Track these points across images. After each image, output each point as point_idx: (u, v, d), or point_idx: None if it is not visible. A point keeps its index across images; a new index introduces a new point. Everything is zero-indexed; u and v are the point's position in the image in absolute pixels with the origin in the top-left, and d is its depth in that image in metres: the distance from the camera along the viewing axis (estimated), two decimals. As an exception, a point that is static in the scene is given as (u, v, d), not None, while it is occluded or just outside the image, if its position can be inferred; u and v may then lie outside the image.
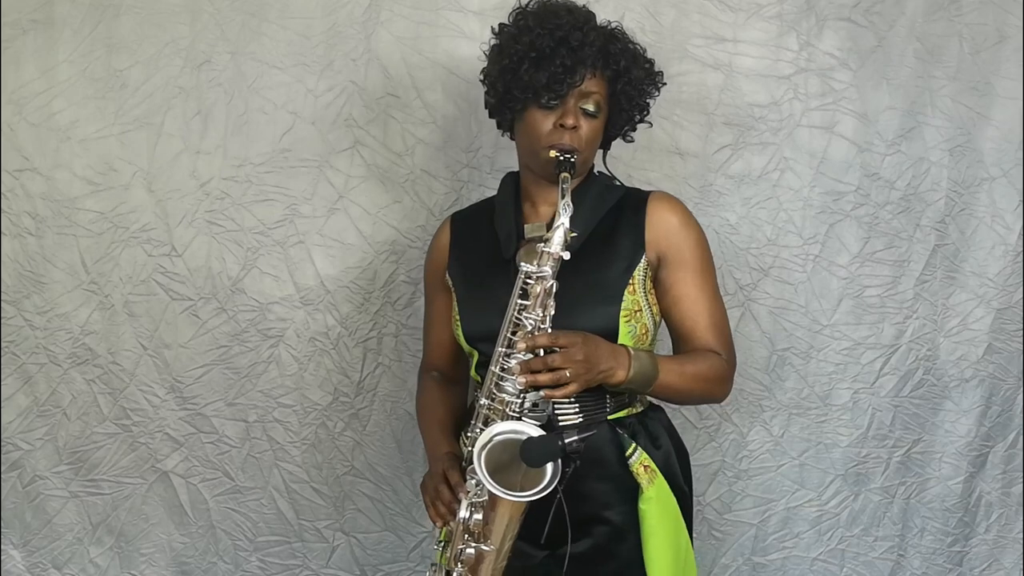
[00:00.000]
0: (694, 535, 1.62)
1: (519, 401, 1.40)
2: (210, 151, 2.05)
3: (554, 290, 1.39)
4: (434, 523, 1.47)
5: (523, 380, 1.37)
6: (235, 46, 2.03)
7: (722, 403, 1.74)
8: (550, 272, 1.38)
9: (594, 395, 1.49)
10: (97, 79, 2.03)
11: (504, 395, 1.40)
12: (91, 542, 2.17)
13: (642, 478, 1.49)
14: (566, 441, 1.30)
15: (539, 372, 1.35)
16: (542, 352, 1.37)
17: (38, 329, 2.09)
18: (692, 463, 1.63)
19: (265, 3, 2.02)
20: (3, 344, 2.10)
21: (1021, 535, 2.19)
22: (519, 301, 1.40)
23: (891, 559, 2.19)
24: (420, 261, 2.05)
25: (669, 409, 1.65)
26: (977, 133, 2.08)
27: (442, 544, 1.51)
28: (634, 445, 1.50)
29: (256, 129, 2.05)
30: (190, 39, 2.02)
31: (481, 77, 1.59)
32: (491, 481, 1.32)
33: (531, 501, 1.34)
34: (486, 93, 1.58)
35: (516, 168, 1.65)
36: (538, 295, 1.38)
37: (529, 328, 1.38)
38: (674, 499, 1.52)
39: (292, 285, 2.08)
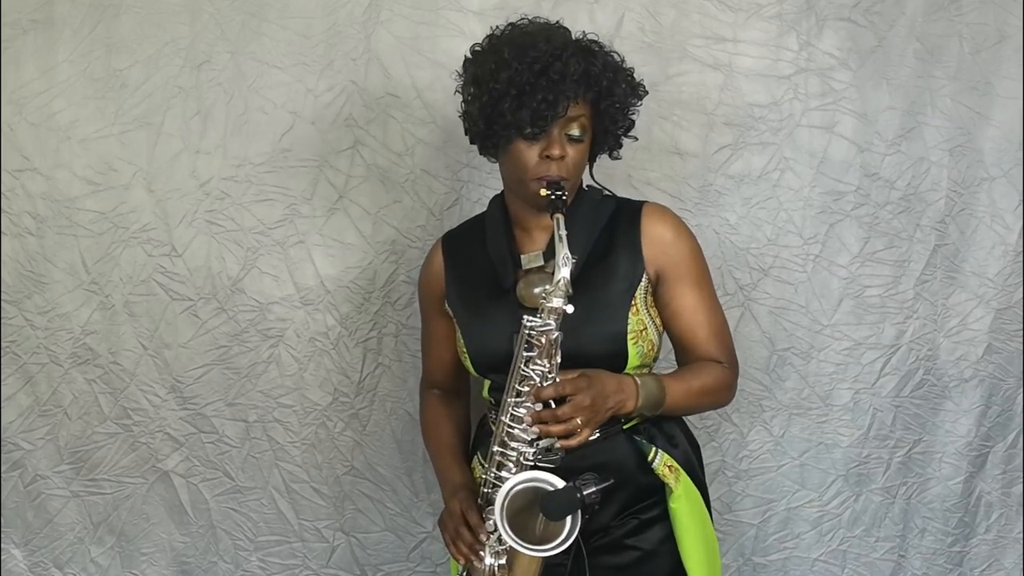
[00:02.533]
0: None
1: (532, 449, 1.41)
2: (210, 151, 2.05)
3: (559, 340, 1.38)
4: (455, 560, 1.50)
5: (535, 431, 1.38)
6: (235, 46, 2.03)
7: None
8: (554, 325, 1.38)
9: None
10: (97, 79, 2.03)
11: (516, 443, 1.41)
12: (92, 541, 2.17)
13: (668, 479, 1.51)
14: (585, 493, 1.32)
15: (548, 423, 1.36)
16: (552, 402, 1.37)
17: (39, 329, 2.09)
18: (692, 463, 1.66)
19: (265, 3, 2.02)
20: (4, 344, 2.10)
21: (1021, 535, 2.19)
22: (525, 353, 1.40)
23: (892, 560, 2.19)
24: (420, 261, 2.04)
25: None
26: (977, 133, 2.07)
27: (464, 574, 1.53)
28: (654, 449, 1.51)
29: (256, 129, 2.05)
30: (190, 39, 2.02)
31: (459, 112, 1.54)
32: (515, 538, 1.34)
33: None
34: (465, 126, 1.53)
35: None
36: (543, 346, 1.38)
37: (536, 380, 1.39)
38: (699, 494, 1.55)
39: (292, 285, 2.08)
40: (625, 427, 1.52)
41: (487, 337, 1.53)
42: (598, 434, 1.49)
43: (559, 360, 1.39)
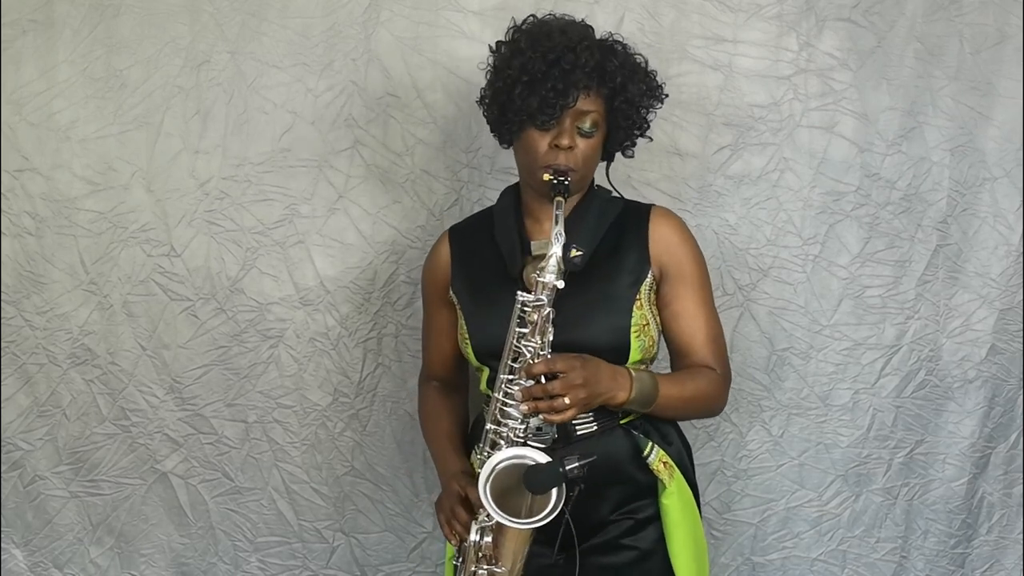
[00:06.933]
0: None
1: (523, 426, 1.42)
2: (209, 151, 2.05)
3: (551, 317, 1.40)
4: (448, 541, 1.50)
5: (525, 408, 1.39)
6: (235, 46, 2.03)
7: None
8: (546, 300, 1.40)
9: None
10: (97, 79, 2.03)
11: (509, 420, 1.42)
12: (91, 542, 2.17)
13: (663, 474, 1.52)
14: (567, 468, 1.32)
15: (540, 399, 1.37)
16: (543, 379, 1.39)
17: (38, 329, 2.09)
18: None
19: (265, 3, 2.02)
20: (3, 344, 2.10)
21: (1022, 536, 2.18)
22: (518, 329, 1.42)
23: (894, 560, 2.18)
24: (420, 261, 2.05)
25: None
26: (979, 133, 2.07)
27: (459, 561, 1.53)
28: (651, 444, 1.53)
29: (256, 129, 2.05)
30: (190, 39, 2.03)
31: (478, 98, 1.60)
32: (498, 511, 1.34)
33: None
34: (483, 112, 1.60)
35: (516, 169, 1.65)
36: (535, 323, 1.40)
37: (527, 356, 1.40)
38: (691, 493, 1.56)
39: (292, 285, 2.08)
40: (622, 421, 1.53)
41: (490, 323, 1.53)
42: (595, 427, 1.51)
43: (551, 337, 1.41)
